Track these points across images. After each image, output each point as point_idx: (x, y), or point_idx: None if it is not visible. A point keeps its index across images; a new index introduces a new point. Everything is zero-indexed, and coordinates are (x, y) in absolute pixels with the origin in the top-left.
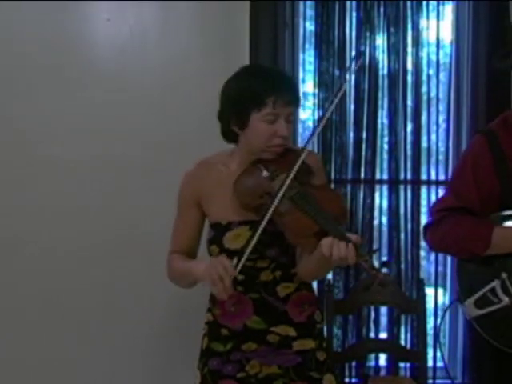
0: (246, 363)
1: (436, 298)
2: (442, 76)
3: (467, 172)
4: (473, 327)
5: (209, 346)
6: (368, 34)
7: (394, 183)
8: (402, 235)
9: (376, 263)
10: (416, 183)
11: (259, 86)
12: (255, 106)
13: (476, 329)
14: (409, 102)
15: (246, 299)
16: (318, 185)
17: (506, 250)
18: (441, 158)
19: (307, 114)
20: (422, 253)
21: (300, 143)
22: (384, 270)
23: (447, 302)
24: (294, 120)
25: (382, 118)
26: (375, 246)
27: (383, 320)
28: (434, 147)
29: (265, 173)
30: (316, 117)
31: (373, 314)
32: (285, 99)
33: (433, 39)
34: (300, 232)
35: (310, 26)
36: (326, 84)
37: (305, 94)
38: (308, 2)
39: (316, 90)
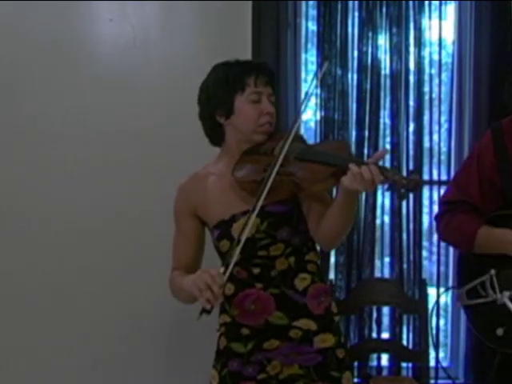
0: (268, 364)
1: (438, 298)
2: (444, 76)
3: (472, 164)
4: None
5: (228, 346)
6: (370, 33)
7: None
8: (404, 235)
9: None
10: None
11: (238, 70)
12: (238, 88)
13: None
14: (411, 102)
15: (266, 296)
16: (317, 143)
17: (489, 251)
18: (443, 158)
19: (309, 114)
20: (424, 253)
21: None
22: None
23: (449, 302)
24: (274, 102)
25: (384, 118)
26: (377, 247)
27: (385, 320)
28: (435, 147)
29: (262, 151)
30: (318, 117)
31: (375, 314)
32: (264, 78)
33: (435, 39)
34: (316, 178)
35: (312, 26)
36: (328, 84)
37: (307, 94)
38: (310, 2)
39: (318, 90)
